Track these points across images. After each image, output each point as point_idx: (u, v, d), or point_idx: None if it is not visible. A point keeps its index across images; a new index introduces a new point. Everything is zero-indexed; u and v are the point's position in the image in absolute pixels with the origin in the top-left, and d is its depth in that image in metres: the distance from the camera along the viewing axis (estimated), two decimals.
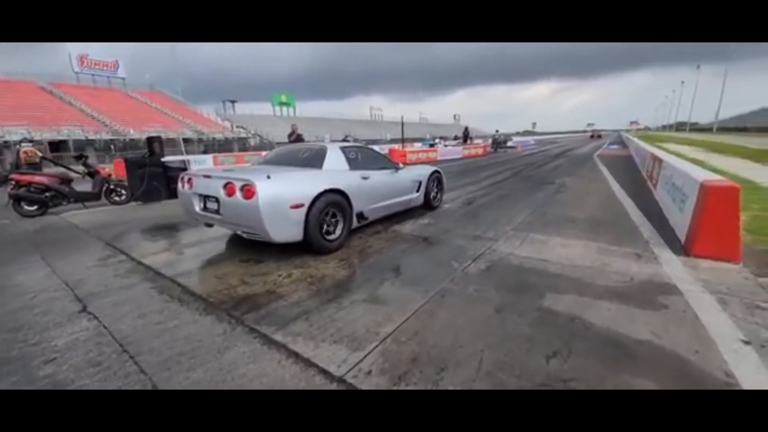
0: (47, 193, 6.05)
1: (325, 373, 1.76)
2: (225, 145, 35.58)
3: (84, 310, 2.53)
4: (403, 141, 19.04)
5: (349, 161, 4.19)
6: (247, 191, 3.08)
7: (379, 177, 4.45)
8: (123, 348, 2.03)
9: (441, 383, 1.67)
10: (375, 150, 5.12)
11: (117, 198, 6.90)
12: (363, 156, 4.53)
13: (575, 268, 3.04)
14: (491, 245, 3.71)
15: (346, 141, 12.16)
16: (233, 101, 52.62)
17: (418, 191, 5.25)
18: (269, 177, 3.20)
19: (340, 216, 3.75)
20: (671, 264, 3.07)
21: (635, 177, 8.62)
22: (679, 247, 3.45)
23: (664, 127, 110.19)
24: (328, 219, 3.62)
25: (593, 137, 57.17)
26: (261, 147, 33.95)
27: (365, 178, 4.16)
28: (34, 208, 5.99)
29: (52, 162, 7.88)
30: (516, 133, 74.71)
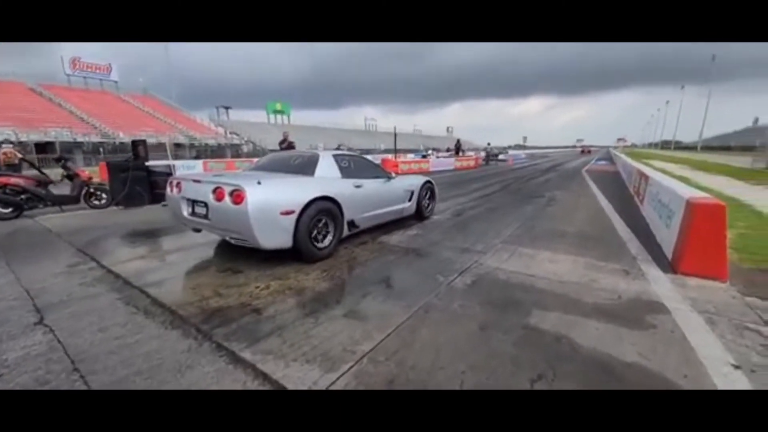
0: (23, 196, 5.81)
1: None
2: (217, 151, 35.28)
3: (40, 321, 2.36)
4: (396, 151, 19.09)
5: (342, 169, 4.15)
6: (237, 196, 3.01)
7: (371, 186, 4.41)
8: (74, 366, 1.87)
9: None
10: (368, 159, 5.09)
11: (97, 202, 6.66)
12: (355, 164, 4.49)
13: (563, 284, 2.97)
14: (479, 258, 3.63)
15: (338, 150, 12.13)
16: (227, 108, 52.39)
17: (410, 201, 5.22)
18: (260, 183, 3.14)
19: (330, 224, 3.70)
20: (659, 281, 3.02)
21: (622, 192, 8.70)
22: (667, 264, 3.41)
23: (650, 145, 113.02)
24: (318, 226, 3.56)
25: (583, 152, 60.04)
26: (254, 154, 33.75)
27: (357, 186, 4.13)
28: (8, 210, 5.73)
29: (30, 164, 7.62)
30: (508, 147, 75.89)
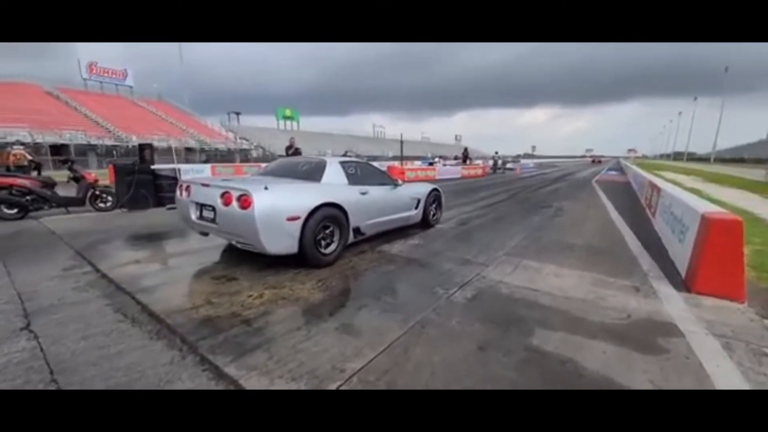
0: (28, 197, 5.86)
1: None
2: (227, 156, 35.71)
3: (27, 327, 2.30)
4: (402, 159, 19.06)
5: (348, 176, 4.15)
6: (244, 201, 3.03)
7: (378, 193, 4.41)
8: (53, 376, 1.79)
9: None
10: (375, 166, 5.11)
11: (102, 204, 6.69)
12: (362, 171, 4.48)
13: (568, 300, 2.83)
14: (481, 271, 3.50)
15: (345, 156, 12.18)
16: (238, 113, 53.21)
17: (416, 209, 5.21)
18: (267, 188, 3.15)
19: (336, 230, 3.70)
20: (672, 300, 2.85)
21: (634, 204, 8.47)
22: (680, 282, 3.24)
23: (661, 156, 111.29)
24: (324, 233, 3.56)
25: (594, 162, 61.14)
26: (263, 159, 34.06)
27: (363, 193, 4.12)
28: (13, 211, 5.79)
29: (35, 167, 7.72)
30: (517, 156, 75.50)
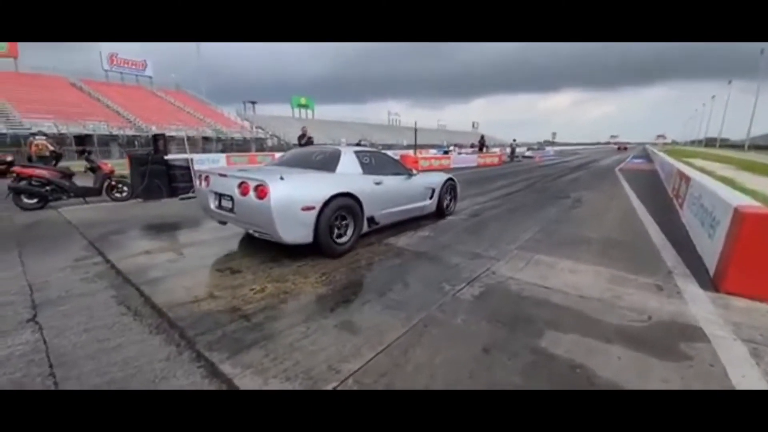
0: (47, 187, 6.04)
1: None
2: (243, 145, 36.06)
3: (33, 318, 2.34)
4: (416, 147, 18.73)
5: (363, 165, 4.14)
6: (261, 191, 3.07)
7: (392, 182, 4.40)
8: (51, 370, 1.80)
9: None
10: (389, 155, 5.05)
11: (118, 195, 6.84)
12: (377, 161, 4.46)
13: (583, 299, 2.67)
14: (491, 266, 3.36)
15: (359, 145, 12.06)
16: (254, 102, 53.53)
17: (431, 199, 5.17)
18: (282, 178, 3.18)
19: (351, 220, 3.72)
20: (697, 301, 2.65)
21: (660, 194, 8.03)
22: (707, 281, 3.01)
23: (692, 142, 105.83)
24: (338, 222, 3.59)
25: (619, 149, 59.22)
26: (278, 148, 34.24)
27: (378, 183, 4.12)
28: (33, 201, 5.99)
29: (55, 158, 7.89)
30: (537, 143, 73.06)
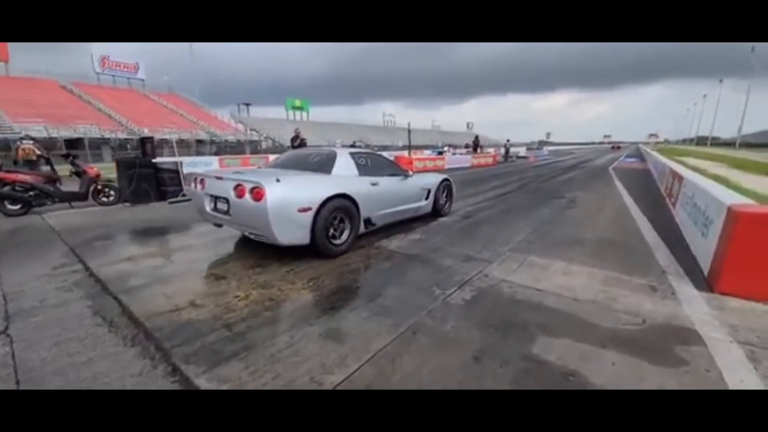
0: (31, 192, 5.89)
1: None
2: (237, 148, 35.85)
3: (5, 331, 2.23)
4: (410, 148, 18.70)
5: (359, 167, 4.14)
6: (257, 193, 3.08)
7: (388, 183, 4.40)
8: (18, 387, 1.70)
9: None
10: (385, 156, 5.03)
11: (105, 199, 6.68)
12: (373, 162, 4.46)
13: (577, 302, 2.60)
14: (483, 268, 3.30)
15: (354, 146, 12.00)
16: (248, 104, 53.21)
17: (426, 199, 5.18)
18: (278, 180, 3.18)
19: (347, 221, 3.73)
20: (692, 302, 2.60)
21: (653, 194, 8.03)
22: (702, 280, 2.97)
23: (684, 141, 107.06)
24: (335, 224, 3.60)
25: (613, 148, 62.72)
26: (273, 150, 34.07)
27: (374, 184, 4.13)
28: (17, 207, 5.83)
29: (46, 161, 7.66)
30: (535, 143, 73.48)
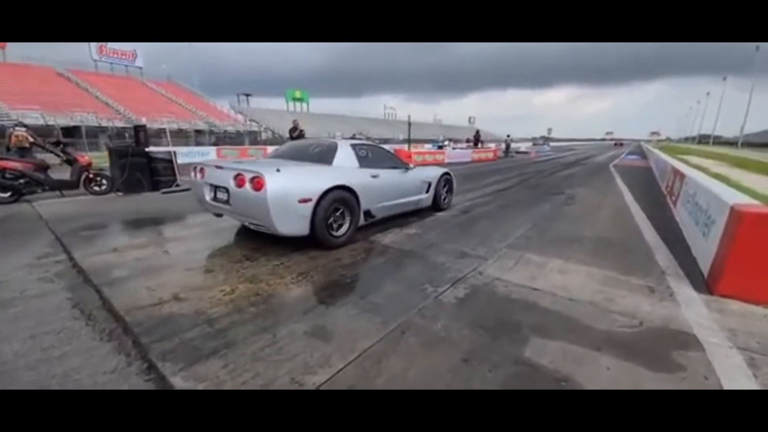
0: (21, 180, 5.78)
1: None
2: (236, 139, 35.50)
3: None
4: (410, 141, 18.54)
5: (360, 159, 4.13)
6: (257, 183, 3.06)
7: (389, 176, 4.38)
8: None
9: None
10: (386, 149, 4.96)
11: (97, 188, 6.57)
12: (373, 154, 4.44)
13: (573, 303, 2.53)
14: (478, 265, 3.22)
15: (354, 139, 11.85)
16: (248, 95, 52.65)
17: (427, 192, 5.17)
18: (279, 170, 3.17)
19: (347, 213, 3.72)
20: (691, 304, 2.53)
21: (653, 192, 7.94)
22: (701, 282, 2.89)
23: (686, 139, 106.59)
24: (335, 215, 3.59)
25: (616, 145, 65.53)
26: (273, 141, 33.75)
27: (375, 176, 4.11)
28: (7, 194, 5.73)
29: (41, 147, 7.48)
30: (541, 138, 73.15)
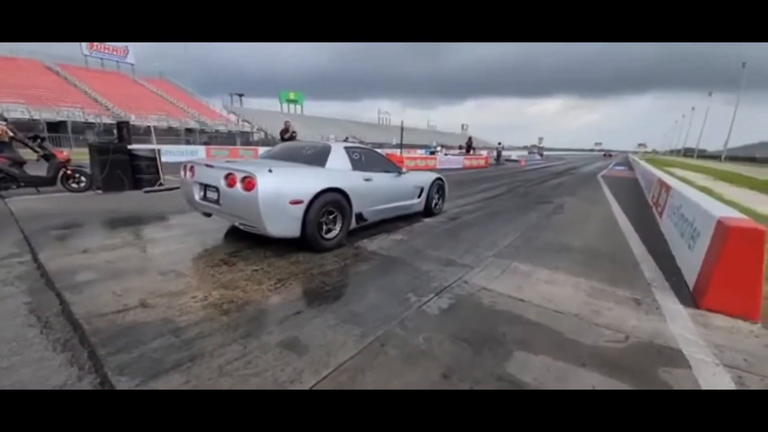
0: None
1: None
2: (228, 138, 35.08)
3: None
4: (402, 146, 18.53)
5: (353, 162, 4.12)
6: (248, 183, 3.02)
7: (382, 180, 4.38)
8: None
9: None
10: (379, 152, 4.95)
11: (75, 185, 6.33)
12: (366, 158, 4.44)
13: (558, 315, 2.46)
14: (464, 274, 3.14)
15: (346, 142, 11.78)
16: (241, 95, 52.17)
17: (419, 197, 5.18)
18: (271, 171, 3.13)
19: (339, 215, 3.69)
20: (677, 318, 2.48)
21: (640, 202, 8.03)
22: (687, 295, 2.86)
23: (671, 152, 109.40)
24: (327, 218, 3.56)
25: (605, 156, 68.50)
26: (265, 142, 33.43)
27: (367, 179, 4.10)
28: None
29: (21, 143, 7.18)
30: (536, 147, 74.32)
